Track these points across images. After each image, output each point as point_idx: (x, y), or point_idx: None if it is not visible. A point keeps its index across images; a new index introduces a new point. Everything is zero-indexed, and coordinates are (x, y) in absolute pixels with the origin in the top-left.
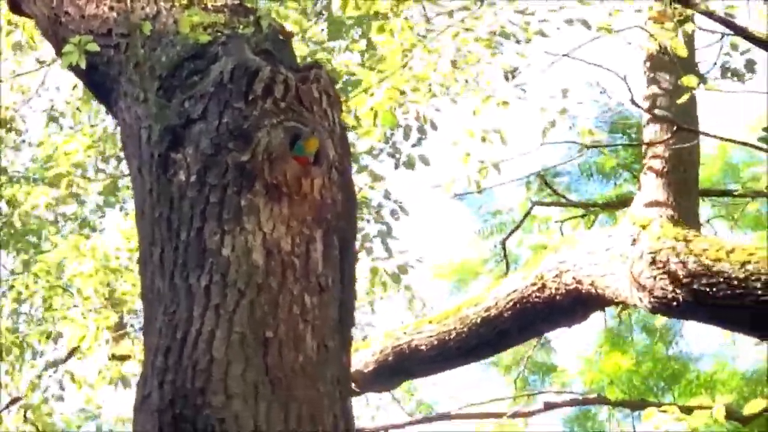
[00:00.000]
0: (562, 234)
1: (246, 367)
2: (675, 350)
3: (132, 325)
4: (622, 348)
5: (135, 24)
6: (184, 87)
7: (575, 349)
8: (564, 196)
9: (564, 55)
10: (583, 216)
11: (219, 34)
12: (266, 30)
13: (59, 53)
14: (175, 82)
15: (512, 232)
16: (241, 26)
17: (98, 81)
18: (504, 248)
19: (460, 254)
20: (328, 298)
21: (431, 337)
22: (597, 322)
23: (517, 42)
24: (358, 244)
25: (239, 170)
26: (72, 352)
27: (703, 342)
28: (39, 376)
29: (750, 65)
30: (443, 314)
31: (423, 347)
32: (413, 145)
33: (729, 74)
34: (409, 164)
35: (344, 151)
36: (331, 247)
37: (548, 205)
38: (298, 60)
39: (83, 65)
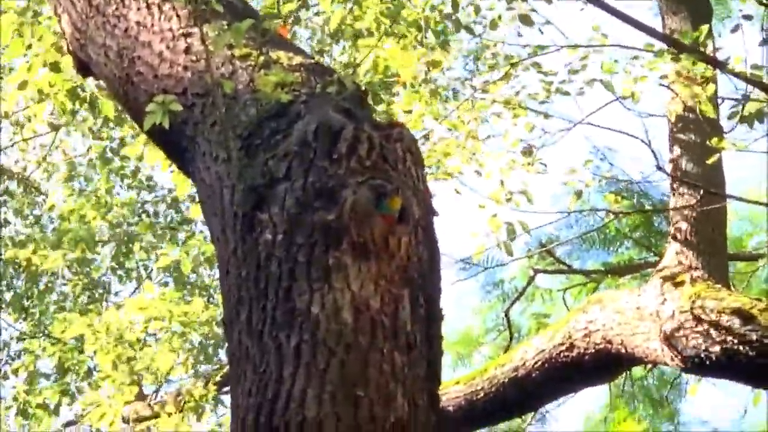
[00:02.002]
0: (565, 303)
1: (338, 427)
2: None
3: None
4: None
5: (212, 83)
6: (266, 146)
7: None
8: (566, 264)
9: (582, 122)
10: (585, 284)
11: (297, 93)
12: (348, 89)
13: (131, 114)
14: (256, 141)
15: (514, 301)
16: (322, 85)
17: (172, 140)
18: (507, 318)
19: (462, 325)
20: (416, 356)
21: (458, 398)
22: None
23: (536, 101)
24: None
25: (326, 229)
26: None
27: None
28: None
29: (758, 114)
30: (470, 375)
31: (450, 408)
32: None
33: (739, 121)
34: None
35: (428, 208)
36: (418, 305)
37: (550, 273)
38: None
39: (167, 125)
